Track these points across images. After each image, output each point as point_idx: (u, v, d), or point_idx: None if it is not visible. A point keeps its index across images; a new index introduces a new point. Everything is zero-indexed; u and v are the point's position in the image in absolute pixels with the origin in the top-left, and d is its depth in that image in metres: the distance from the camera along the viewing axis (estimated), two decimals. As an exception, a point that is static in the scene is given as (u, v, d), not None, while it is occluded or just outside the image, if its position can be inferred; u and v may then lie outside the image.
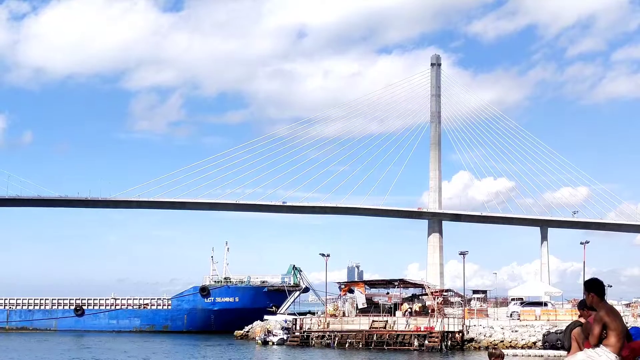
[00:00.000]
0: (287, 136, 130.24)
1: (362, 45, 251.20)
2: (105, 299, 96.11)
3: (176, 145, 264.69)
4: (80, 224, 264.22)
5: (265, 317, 78.25)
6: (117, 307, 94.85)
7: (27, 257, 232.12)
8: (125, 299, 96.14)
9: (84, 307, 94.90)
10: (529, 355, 56.28)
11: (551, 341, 58.98)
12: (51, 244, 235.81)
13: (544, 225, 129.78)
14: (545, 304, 75.93)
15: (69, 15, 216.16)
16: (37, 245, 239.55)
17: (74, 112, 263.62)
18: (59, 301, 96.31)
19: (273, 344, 68.95)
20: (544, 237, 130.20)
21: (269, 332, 71.60)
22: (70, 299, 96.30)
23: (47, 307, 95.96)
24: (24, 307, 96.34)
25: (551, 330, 61.11)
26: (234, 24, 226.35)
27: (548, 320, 68.21)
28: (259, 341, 70.35)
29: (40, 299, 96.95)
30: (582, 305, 8.84)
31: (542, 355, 56.79)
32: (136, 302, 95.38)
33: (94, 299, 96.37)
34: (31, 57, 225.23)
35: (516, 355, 55.60)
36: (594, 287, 8.41)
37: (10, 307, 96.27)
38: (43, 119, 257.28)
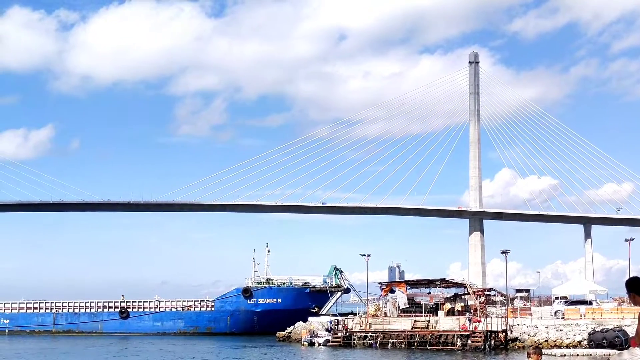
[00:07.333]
0: (326, 137, 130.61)
1: (403, 46, 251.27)
2: (150, 302, 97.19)
3: (217, 148, 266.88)
4: (122, 227, 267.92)
5: (310, 318, 78.47)
6: (161, 310, 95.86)
7: (73, 261, 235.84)
8: (169, 301, 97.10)
9: (129, 310, 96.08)
10: (577, 355, 55.63)
11: (597, 340, 58.27)
12: (95, 248, 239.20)
13: (588, 222, 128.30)
14: (590, 303, 75.03)
15: (115, 23, 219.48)
16: (82, 249, 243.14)
17: (119, 118, 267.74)
18: (104, 304, 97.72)
19: (320, 345, 69.23)
20: (587, 235, 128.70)
21: (314, 333, 71.87)
22: (115, 302, 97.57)
23: (93, 310, 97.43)
24: (70, 310, 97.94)
25: (597, 329, 60.36)
26: (274, 28, 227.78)
27: (593, 318, 67.38)
28: (305, 342, 70.68)
29: (86, 302, 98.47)
30: None
31: (590, 354, 56.12)
32: (180, 304, 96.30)
33: (138, 302, 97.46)
34: (78, 65, 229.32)
35: (564, 355, 54.98)
36: (635, 286, 8.36)
37: (56, 311, 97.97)
38: (89, 125, 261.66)
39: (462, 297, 75.21)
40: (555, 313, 72.45)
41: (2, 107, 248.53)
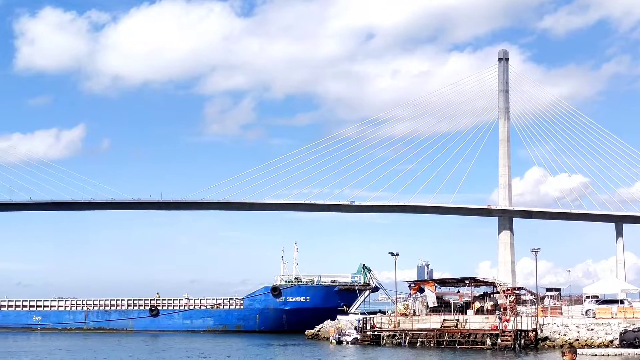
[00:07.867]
0: (354, 136, 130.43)
1: (432, 45, 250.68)
2: (179, 299, 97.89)
3: (246, 147, 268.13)
4: (151, 226, 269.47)
5: (338, 317, 78.51)
6: (191, 308, 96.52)
7: (103, 259, 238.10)
8: (198, 299, 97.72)
9: (159, 308, 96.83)
10: (608, 355, 55.02)
11: (629, 339, 57.61)
12: (125, 246, 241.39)
13: (619, 221, 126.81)
14: (622, 302, 74.18)
15: (145, 23, 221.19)
16: (113, 247, 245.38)
17: (149, 118, 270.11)
18: (135, 302, 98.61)
19: (347, 343, 69.30)
20: (619, 233, 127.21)
21: (342, 331, 71.93)
22: (145, 300, 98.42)
23: (123, 308, 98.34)
24: (101, 308, 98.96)
25: (628, 329, 59.69)
26: (302, 27, 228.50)
27: (625, 318, 66.64)
28: (333, 341, 70.78)
29: (117, 300, 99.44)
30: None
31: (621, 354, 55.52)
32: (209, 302, 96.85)
33: (168, 300, 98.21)
34: (109, 65, 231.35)
35: (595, 355, 54.43)
36: None
37: (88, 308, 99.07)
38: (120, 125, 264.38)
39: (492, 295, 74.71)
40: (586, 312, 71.76)
41: (35, 107, 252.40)
